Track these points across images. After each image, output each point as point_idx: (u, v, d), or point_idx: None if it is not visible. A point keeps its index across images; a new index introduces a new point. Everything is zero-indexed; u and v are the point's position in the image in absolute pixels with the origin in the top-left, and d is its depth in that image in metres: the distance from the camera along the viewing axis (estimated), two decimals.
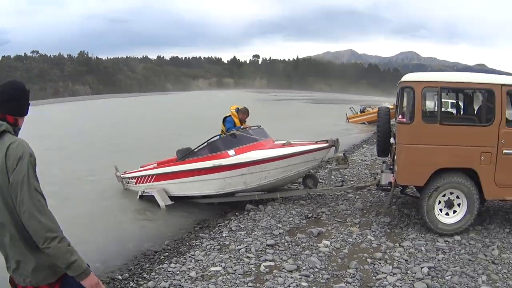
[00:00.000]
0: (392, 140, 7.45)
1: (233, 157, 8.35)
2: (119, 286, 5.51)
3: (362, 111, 30.95)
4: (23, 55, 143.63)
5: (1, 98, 2.34)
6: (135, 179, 10.29)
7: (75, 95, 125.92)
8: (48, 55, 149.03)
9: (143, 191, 9.60)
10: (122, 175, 10.73)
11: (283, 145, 8.56)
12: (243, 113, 9.41)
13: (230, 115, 9.35)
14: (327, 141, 8.50)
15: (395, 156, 6.72)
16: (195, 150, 8.99)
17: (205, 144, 8.90)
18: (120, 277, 5.71)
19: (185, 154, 9.07)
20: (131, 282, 5.54)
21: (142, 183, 9.91)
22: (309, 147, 8.36)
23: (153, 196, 9.22)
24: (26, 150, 2.23)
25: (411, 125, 6.31)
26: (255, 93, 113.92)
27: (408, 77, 6.76)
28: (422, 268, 5.15)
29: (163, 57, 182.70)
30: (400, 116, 7.07)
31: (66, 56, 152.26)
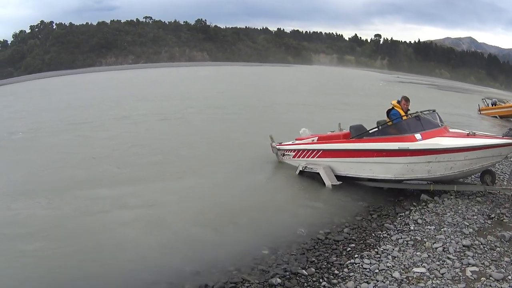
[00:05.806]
0: None
1: (420, 141, 7.58)
2: (305, 283, 4.95)
3: (494, 104, 28.29)
4: (134, 20, 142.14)
5: None
6: (293, 152, 9.93)
7: (191, 61, 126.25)
8: (163, 21, 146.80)
9: (305, 167, 9.25)
10: (278, 146, 10.49)
11: (468, 135, 7.61)
12: (406, 101, 8.62)
13: (393, 108, 8.63)
14: None
15: None
16: (370, 131, 8.35)
17: (385, 125, 8.22)
18: (304, 272, 5.18)
19: (362, 133, 8.48)
20: (320, 279, 5.01)
21: (303, 157, 9.55)
22: (500, 141, 7.29)
23: (317, 173, 8.85)
24: None
25: None
26: (377, 73, 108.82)
27: None
28: None
29: (283, 29, 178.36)
30: None
31: (182, 23, 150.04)
